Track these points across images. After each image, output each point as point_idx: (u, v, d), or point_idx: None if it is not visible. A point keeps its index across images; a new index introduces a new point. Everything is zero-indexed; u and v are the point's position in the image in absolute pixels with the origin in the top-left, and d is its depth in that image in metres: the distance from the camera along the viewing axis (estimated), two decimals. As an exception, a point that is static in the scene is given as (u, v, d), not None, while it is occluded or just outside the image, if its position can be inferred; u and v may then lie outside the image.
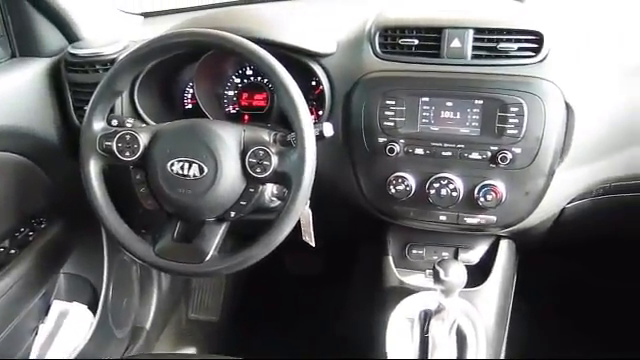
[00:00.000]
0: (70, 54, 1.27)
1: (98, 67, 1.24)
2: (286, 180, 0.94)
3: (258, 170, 0.95)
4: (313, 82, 1.19)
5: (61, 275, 1.50)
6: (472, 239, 1.22)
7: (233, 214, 0.99)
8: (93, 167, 1.01)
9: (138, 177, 1.01)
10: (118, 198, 1.03)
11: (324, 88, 1.13)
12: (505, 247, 1.20)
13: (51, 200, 1.36)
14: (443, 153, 1.06)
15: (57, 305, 1.48)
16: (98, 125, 1.01)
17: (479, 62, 1.03)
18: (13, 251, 1.27)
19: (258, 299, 1.94)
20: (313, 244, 1.13)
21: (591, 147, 1.07)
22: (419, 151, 1.07)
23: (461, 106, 1.03)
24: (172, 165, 0.97)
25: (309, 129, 0.93)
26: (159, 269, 1.06)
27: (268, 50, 0.95)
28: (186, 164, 0.97)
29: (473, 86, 1.02)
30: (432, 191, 1.07)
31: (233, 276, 1.88)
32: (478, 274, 1.16)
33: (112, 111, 1.09)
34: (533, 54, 1.01)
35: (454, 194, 1.06)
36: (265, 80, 1.28)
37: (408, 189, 1.07)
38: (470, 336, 1.10)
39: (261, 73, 1.27)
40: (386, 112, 1.06)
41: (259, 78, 1.28)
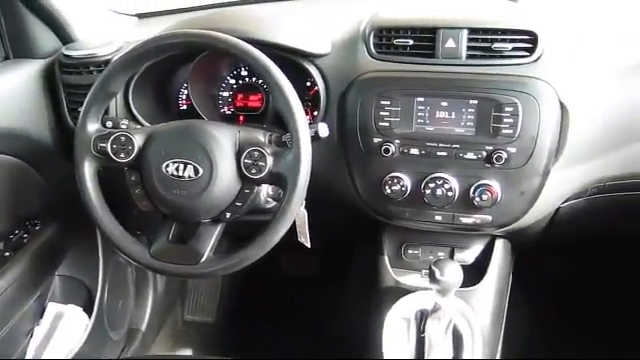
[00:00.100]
0: (64, 55, 1.27)
1: (92, 68, 1.24)
2: (281, 181, 0.94)
3: (253, 171, 0.95)
4: (308, 83, 1.19)
5: (56, 277, 1.50)
6: (468, 239, 1.22)
7: (228, 215, 0.99)
8: (87, 169, 1.00)
9: (133, 178, 1.01)
10: (113, 200, 1.02)
11: (319, 89, 1.13)
12: (500, 247, 1.20)
13: (46, 202, 1.36)
14: (438, 153, 1.06)
15: (52, 307, 1.47)
16: (92, 127, 1.01)
17: (474, 62, 1.03)
18: (7, 254, 1.26)
19: (254, 300, 1.94)
20: (309, 245, 1.13)
21: (586, 146, 1.07)
22: (414, 151, 1.07)
23: (456, 106, 1.03)
24: (167, 166, 0.97)
25: (304, 130, 0.93)
26: (154, 271, 1.05)
27: (263, 51, 0.95)
28: (181, 165, 0.96)
29: (468, 86, 1.02)
30: (427, 191, 1.07)
31: (229, 277, 1.88)
32: (474, 274, 1.16)
33: (107, 112, 1.09)
34: (527, 54, 1.02)
35: (449, 194, 1.06)
36: (260, 81, 1.27)
37: (403, 189, 1.07)
38: (466, 336, 1.10)
39: (256, 74, 1.27)
40: (381, 112, 1.06)
41: (254, 79, 1.28)
